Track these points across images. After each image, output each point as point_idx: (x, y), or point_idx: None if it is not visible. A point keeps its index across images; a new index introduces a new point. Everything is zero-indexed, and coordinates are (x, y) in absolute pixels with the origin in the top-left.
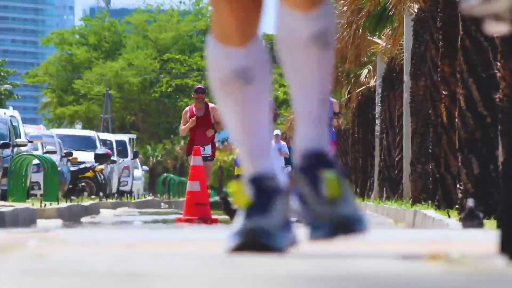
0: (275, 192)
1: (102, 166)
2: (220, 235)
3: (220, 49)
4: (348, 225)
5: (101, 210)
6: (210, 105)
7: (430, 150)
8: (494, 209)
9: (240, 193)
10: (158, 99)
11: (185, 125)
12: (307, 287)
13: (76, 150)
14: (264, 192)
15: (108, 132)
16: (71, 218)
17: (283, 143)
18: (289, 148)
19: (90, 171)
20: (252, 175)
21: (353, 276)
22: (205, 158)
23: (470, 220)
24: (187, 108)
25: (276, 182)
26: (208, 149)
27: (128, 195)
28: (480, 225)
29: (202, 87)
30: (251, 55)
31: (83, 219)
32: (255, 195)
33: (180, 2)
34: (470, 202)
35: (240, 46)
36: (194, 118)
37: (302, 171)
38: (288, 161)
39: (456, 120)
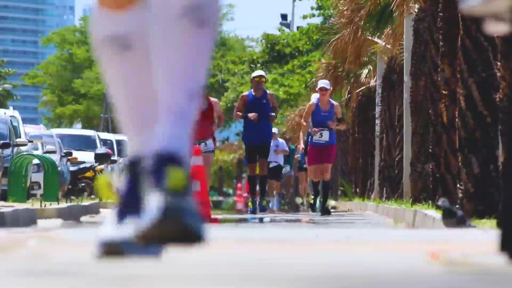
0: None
1: (102, 166)
2: (221, 234)
3: (99, 11)
4: (181, 217)
5: (101, 210)
6: (212, 99)
7: (430, 150)
8: (494, 209)
9: (106, 187)
10: None
11: None
12: (308, 287)
13: (76, 150)
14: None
15: (108, 131)
16: (71, 218)
17: (281, 140)
18: (289, 147)
19: (90, 171)
20: (130, 158)
21: (353, 276)
22: (206, 151)
23: (449, 219)
24: None
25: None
26: (210, 144)
27: None
28: (461, 222)
29: None
30: (131, 20)
31: (83, 219)
32: (129, 183)
33: None
34: (440, 202)
35: (118, 9)
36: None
37: (150, 174)
38: (287, 161)
39: (456, 120)
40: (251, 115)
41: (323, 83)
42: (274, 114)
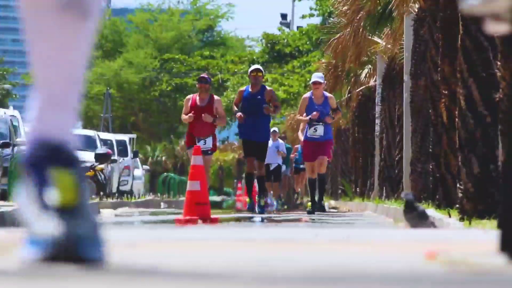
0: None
1: (102, 166)
2: (220, 235)
3: None
4: (75, 247)
5: (101, 209)
6: (215, 97)
7: (430, 150)
8: (494, 209)
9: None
10: (158, 98)
11: (186, 113)
12: (308, 287)
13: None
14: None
15: (108, 131)
16: None
17: (281, 141)
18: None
19: (90, 170)
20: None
21: (354, 276)
22: (205, 152)
23: (410, 213)
24: (190, 96)
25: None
26: (209, 142)
27: (128, 194)
28: (422, 217)
29: (206, 76)
30: None
31: None
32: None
33: (178, 2)
34: (403, 194)
35: None
36: (191, 114)
37: (30, 165)
38: (284, 160)
39: (456, 119)
40: (237, 115)
41: (317, 76)
42: (266, 105)
